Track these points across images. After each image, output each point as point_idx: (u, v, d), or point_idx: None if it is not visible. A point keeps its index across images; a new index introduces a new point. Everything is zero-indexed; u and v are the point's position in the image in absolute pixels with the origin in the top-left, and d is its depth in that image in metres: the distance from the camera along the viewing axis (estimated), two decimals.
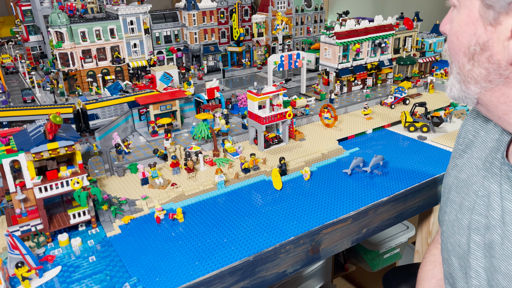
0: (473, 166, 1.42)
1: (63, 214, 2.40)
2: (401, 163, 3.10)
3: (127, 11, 4.91)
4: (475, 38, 1.12)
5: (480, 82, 1.16)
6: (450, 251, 1.47)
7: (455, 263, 1.45)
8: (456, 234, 1.42)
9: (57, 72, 4.85)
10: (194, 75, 5.37)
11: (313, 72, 5.37)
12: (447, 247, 1.51)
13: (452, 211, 1.47)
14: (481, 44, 1.11)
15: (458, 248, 1.42)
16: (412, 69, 4.95)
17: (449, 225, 1.49)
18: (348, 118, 3.95)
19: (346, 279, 4.65)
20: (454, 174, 1.53)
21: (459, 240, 1.41)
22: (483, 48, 1.11)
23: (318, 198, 2.66)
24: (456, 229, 1.42)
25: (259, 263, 2.15)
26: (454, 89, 1.25)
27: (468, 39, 1.14)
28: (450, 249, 1.47)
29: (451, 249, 1.46)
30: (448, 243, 1.49)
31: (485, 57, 1.11)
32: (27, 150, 2.14)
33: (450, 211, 1.49)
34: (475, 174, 1.40)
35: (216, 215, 2.51)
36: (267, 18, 5.97)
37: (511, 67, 1.09)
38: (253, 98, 3.21)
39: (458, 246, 1.41)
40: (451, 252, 1.47)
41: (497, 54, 1.09)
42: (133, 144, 3.43)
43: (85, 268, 2.08)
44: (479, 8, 1.09)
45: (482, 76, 1.15)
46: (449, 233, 1.49)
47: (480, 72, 1.14)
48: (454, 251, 1.44)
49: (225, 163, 3.09)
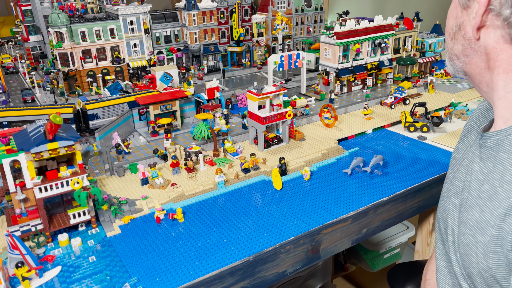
0: (467, 145, 1.60)
1: (63, 214, 2.40)
2: (401, 163, 3.10)
3: (127, 11, 4.92)
4: (455, 20, 1.39)
5: (460, 57, 1.40)
6: (439, 218, 1.65)
7: (442, 227, 1.60)
8: (444, 202, 1.60)
9: (57, 72, 4.85)
10: (194, 75, 5.37)
11: (313, 72, 5.37)
12: (437, 216, 1.69)
13: (445, 185, 1.65)
14: (459, 24, 1.37)
15: (443, 214, 1.59)
16: (412, 69, 4.95)
17: (441, 197, 1.68)
18: (348, 118, 3.95)
19: (346, 279, 4.65)
20: (453, 155, 1.72)
21: (446, 207, 1.58)
22: (460, 27, 1.37)
23: (318, 198, 2.66)
24: (445, 198, 1.60)
25: (259, 263, 2.16)
26: (448, 65, 1.49)
27: (452, 22, 1.41)
28: (439, 217, 1.65)
29: (440, 217, 1.64)
30: (438, 212, 1.67)
31: (461, 35, 1.37)
32: (27, 150, 2.14)
33: (444, 186, 1.68)
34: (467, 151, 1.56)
35: (216, 215, 2.51)
36: (267, 18, 5.97)
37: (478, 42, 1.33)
38: (253, 98, 3.21)
39: (444, 212, 1.60)
40: (439, 219, 1.64)
41: (468, 32, 1.34)
42: (133, 144, 3.43)
43: (85, 268, 2.08)
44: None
45: (460, 51, 1.39)
46: (440, 204, 1.68)
47: (458, 48, 1.39)
48: (442, 218, 1.61)
49: (225, 163, 3.09)
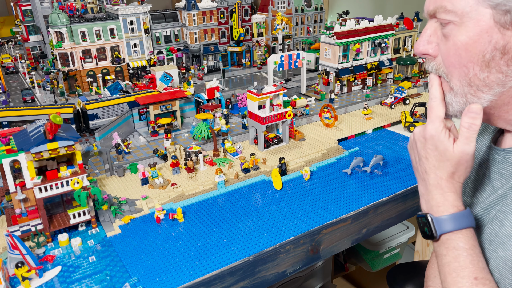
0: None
1: (63, 214, 2.40)
2: (401, 163, 3.10)
3: (127, 11, 4.92)
4: (491, 45, 1.15)
5: (494, 88, 1.20)
6: None
7: None
8: None
9: (57, 72, 4.85)
10: (194, 75, 5.37)
11: (313, 72, 5.37)
12: None
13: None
14: (500, 48, 1.15)
15: None
16: (412, 69, 4.95)
17: None
18: (348, 118, 3.95)
19: (346, 279, 4.65)
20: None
21: None
22: (503, 52, 1.15)
23: (318, 198, 2.66)
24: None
25: (259, 263, 2.16)
26: (455, 104, 1.29)
27: (482, 48, 1.16)
28: None
29: None
30: None
31: (504, 61, 1.16)
32: (27, 150, 2.14)
33: None
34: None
35: (216, 215, 2.51)
36: (267, 18, 5.97)
37: None
38: (253, 98, 3.21)
39: None
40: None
41: None
42: (133, 144, 3.43)
43: (85, 268, 2.08)
44: (494, 16, 1.13)
45: (498, 81, 1.19)
46: None
47: (497, 77, 1.18)
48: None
49: (225, 163, 3.09)
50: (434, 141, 1.29)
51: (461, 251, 1.25)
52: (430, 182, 1.34)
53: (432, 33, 1.29)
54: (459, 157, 1.25)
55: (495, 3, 1.12)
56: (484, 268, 1.23)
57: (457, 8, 1.17)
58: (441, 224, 1.29)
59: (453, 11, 1.18)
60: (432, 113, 1.31)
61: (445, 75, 1.29)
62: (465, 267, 1.23)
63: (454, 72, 1.25)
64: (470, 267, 1.22)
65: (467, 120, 1.23)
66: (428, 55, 1.32)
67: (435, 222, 1.30)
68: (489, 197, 1.37)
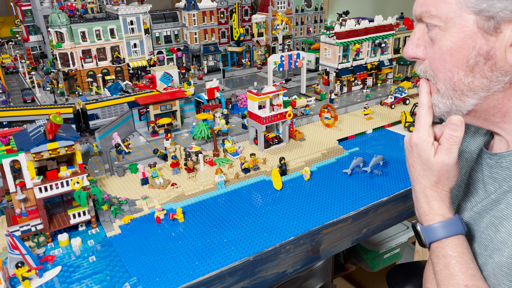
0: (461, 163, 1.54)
1: (63, 214, 2.40)
2: (401, 163, 3.10)
3: (127, 11, 4.92)
4: (475, 50, 1.16)
5: (479, 93, 1.21)
6: None
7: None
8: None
9: (57, 72, 4.85)
10: (194, 75, 5.37)
11: (313, 72, 5.36)
12: None
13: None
14: (484, 54, 1.15)
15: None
16: (412, 69, 4.94)
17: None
18: (348, 118, 3.95)
19: (346, 279, 4.65)
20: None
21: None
22: (487, 57, 1.16)
23: (318, 198, 2.66)
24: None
25: (259, 263, 2.16)
26: (441, 106, 1.31)
27: (465, 54, 1.17)
28: None
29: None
30: None
31: (488, 66, 1.16)
32: (27, 150, 2.14)
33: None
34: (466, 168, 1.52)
35: (216, 215, 2.51)
36: (267, 18, 5.97)
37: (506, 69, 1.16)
38: (253, 98, 3.21)
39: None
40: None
41: (500, 61, 1.15)
42: (133, 144, 3.43)
43: (85, 268, 2.08)
44: (477, 21, 1.14)
45: (483, 86, 1.19)
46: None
47: (481, 82, 1.19)
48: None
49: (225, 163, 3.09)
50: (418, 149, 1.31)
51: (450, 259, 1.25)
52: (417, 190, 1.35)
53: (420, 36, 1.30)
54: (440, 168, 1.26)
55: (478, 9, 1.12)
56: (474, 275, 1.23)
57: (442, 14, 1.18)
58: (428, 233, 1.30)
59: (437, 16, 1.19)
60: (418, 122, 1.33)
61: (432, 78, 1.30)
62: (454, 275, 1.23)
63: (439, 76, 1.26)
64: (459, 275, 1.23)
65: (447, 131, 1.25)
66: (417, 59, 1.33)
67: (423, 232, 1.32)
68: (482, 201, 1.37)
